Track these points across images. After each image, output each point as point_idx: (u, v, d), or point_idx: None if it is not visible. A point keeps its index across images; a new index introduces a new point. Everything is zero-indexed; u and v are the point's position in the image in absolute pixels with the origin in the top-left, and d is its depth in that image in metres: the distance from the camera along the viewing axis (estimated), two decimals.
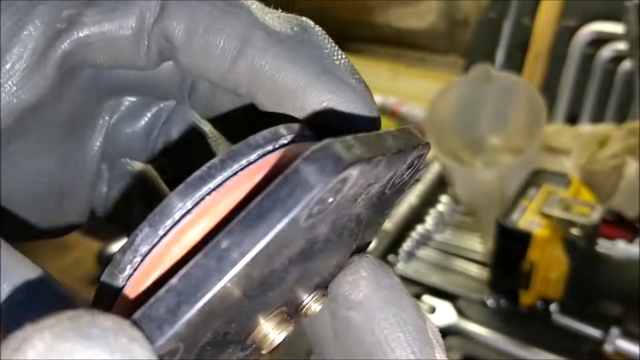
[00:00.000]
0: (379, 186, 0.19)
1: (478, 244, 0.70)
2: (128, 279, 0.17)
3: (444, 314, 0.61)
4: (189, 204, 0.17)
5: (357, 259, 0.20)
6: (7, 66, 0.18)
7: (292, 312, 0.19)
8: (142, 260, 0.17)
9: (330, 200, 0.16)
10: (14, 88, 0.18)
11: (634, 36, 0.77)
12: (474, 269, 0.68)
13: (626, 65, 0.82)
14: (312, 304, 0.20)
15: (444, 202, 0.76)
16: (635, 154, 0.68)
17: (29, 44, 0.18)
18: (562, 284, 0.57)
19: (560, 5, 0.89)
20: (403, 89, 1.07)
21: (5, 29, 0.18)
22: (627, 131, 0.69)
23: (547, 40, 0.89)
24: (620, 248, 0.64)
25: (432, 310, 0.61)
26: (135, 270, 0.17)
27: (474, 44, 0.97)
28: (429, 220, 0.74)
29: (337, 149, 0.16)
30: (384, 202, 0.20)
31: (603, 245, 0.65)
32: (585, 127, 0.77)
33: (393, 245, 0.71)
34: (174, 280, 0.14)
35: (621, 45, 0.81)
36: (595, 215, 0.55)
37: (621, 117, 0.82)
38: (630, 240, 0.66)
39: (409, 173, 0.20)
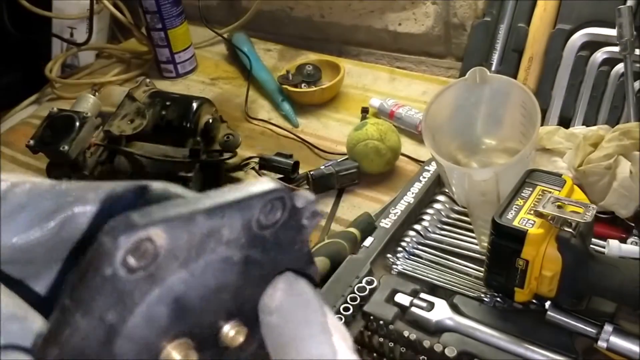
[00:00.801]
0: (235, 232, 0.24)
1: (474, 243, 0.71)
2: None
3: (441, 310, 0.62)
4: None
5: (278, 276, 0.26)
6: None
7: (209, 343, 0.25)
8: None
9: (148, 256, 0.21)
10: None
11: (627, 39, 0.78)
12: (470, 267, 0.68)
13: (619, 68, 0.83)
14: (232, 333, 0.25)
15: (440, 202, 0.77)
16: (628, 155, 0.69)
17: None
18: (556, 282, 0.57)
19: (554, 10, 0.90)
20: (401, 92, 1.08)
21: None
22: (620, 132, 0.70)
23: (541, 43, 0.90)
24: (613, 247, 0.65)
25: (430, 306, 0.62)
26: None
27: (470, 48, 0.98)
28: (427, 219, 0.75)
29: (133, 218, 0.21)
30: (278, 239, 0.26)
31: (596, 244, 0.67)
32: (579, 129, 0.78)
33: (392, 244, 0.72)
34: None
35: (614, 49, 0.83)
36: (588, 215, 0.56)
37: (614, 119, 0.84)
38: (624, 240, 0.68)
39: (284, 215, 0.26)
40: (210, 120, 0.87)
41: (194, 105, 0.86)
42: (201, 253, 0.24)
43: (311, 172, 0.85)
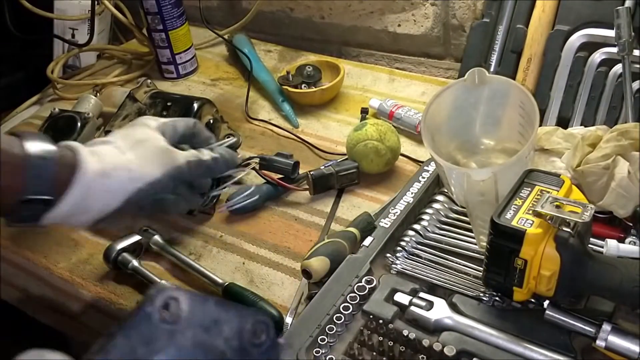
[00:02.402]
0: (232, 332, 0.35)
1: (473, 242, 0.71)
2: None
3: (440, 309, 0.62)
4: None
5: None
6: None
7: None
8: None
9: (173, 313, 0.33)
10: None
11: (625, 40, 0.79)
12: (469, 267, 0.69)
13: (617, 68, 0.84)
14: None
15: (439, 202, 0.77)
16: (626, 155, 0.70)
17: None
18: (554, 281, 0.57)
19: (553, 11, 0.90)
20: (400, 92, 1.08)
21: None
22: (618, 133, 0.70)
23: (540, 44, 0.90)
24: (611, 246, 0.66)
25: (430, 306, 0.63)
26: None
27: (469, 49, 0.98)
28: (426, 219, 0.75)
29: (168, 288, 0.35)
30: None
31: (595, 244, 0.67)
32: (577, 129, 0.78)
33: (391, 243, 0.73)
34: None
35: (613, 50, 0.83)
36: (586, 215, 0.56)
37: (612, 120, 0.84)
38: (622, 239, 0.68)
39: (267, 341, 0.38)
40: (211, 121, 0.87)
41: (195, 105, 0.87)
42: (207, 333, 0.33)
43: (311, 172, 0.85)
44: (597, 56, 0.85)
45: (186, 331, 0.32)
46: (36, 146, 0.52)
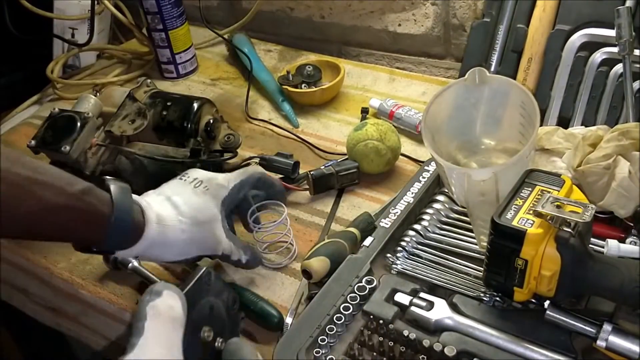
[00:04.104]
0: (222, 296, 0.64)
1: (473, 242, 0.71)
2: None
3: (440, 310, 0.62)
4: None
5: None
6: None
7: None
8: None
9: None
10: None
11: (626, 40, 0.79)
12: (470, 267, 0.69)
13: (618, 68, 0.83)
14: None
15: (440, 202, 0.77)
16: (626, 155, 0.70)
17: None
18: (555, 282, 0.57)
19: (553, 10, 0.90)
20: (400, 92, 1.08)
21: None
22: (619, 133, 0.70)
23: (540, 44, 0.90)
24: (612, 247, 0.65)
25: (430, 306, 0.62)
26: None
27: (470, 48, 0.98)
28: (426, 219, 0.75)
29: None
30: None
31: (595, 244, 0.67)
32: (578, 129, 0.78)
33: (391, 243, 0.73)
34: None
35: (613, 49, 0.83)
36: (587, 215, 0.56)
37: (613, 120, 0.84)
38: (622, 239, 0.68)
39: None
40: (211, 121, 0.87)
41: (195, 105, 0.87)
42: (218, 297, 0.62)
43: (311, 172, 0.85)
44: (598, 56, 0.85)
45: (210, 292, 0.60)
46: (121, 207, 0.59)
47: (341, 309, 0.64)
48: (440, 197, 0.77)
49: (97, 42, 1.28)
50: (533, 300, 0.62)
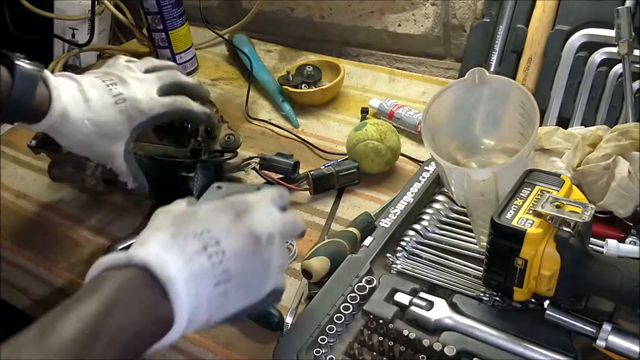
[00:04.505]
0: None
1: (473, 242, 0.71)
2: None
3: (440, 309, 0.62)
4: None
5: None
6: None
7: None
8: None
9: None
10: None
11: (626, 40, 0.79)
12: (470, 266, 0.69)
13: (618, 68, 0.83)
14: None
15: (440, 201, 0.77)
16: (626, 155, 0.70)
17: None
18: (554, 281, 0.57)
19: (553, 11, 0.90)
20: (400, 92, 1.08)
21: None
22: (618, 133, 0.70)
23: (540, 44, 0.90)
24: (612, 246, 0.66)
25: (430, 305, 0.63)
26: None
27: (469, 48, 0.98)
28: (426, 219, 0.75)
29: None
30: None
31: (595, 244, 0.67)
32: (578, 129, 0.78)
33: (391, 243, 0.73)
34: None
35: (613, 49, 0.83)
36: (587, 215, 0.56)
37: (612, 120, 0.84)
38: (622, 239, 0.68)
39: None
40: None
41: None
42: None
43: (311, 172, 0.85)
44: (598, 56, 0.85)
45: None
46: (23, 71, 0.67)
47: (341, 309, 0.64)
48: (440, 197, 0.77)
49: (97, 42, 1.28)
50: (533, 300, 0.62)
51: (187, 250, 0.46)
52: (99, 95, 0.70)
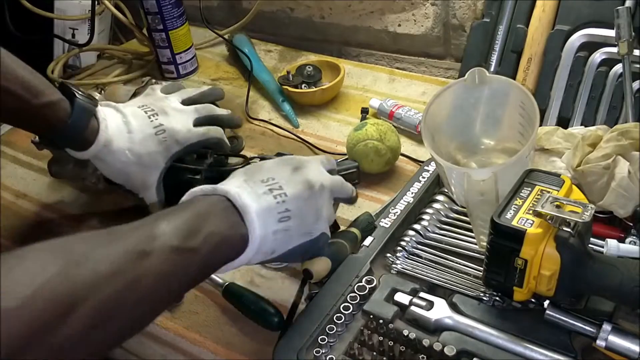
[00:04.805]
0: None
1: (473, 242, 0.71)
2: None
3: (440, 309, 0.62)
4: None
5: None
6: None
7: None
8: None
9: None
10: None
11: (626, 40, 0.79)
12: (470, 266, 0.69)
13: (618, 68, 0.84)
14: None
15: (440, 201, 0.77)
16: (626, 155, 0.70)
17: None
18: (554, 281, 0.57)
19: (553, 11, 0.90)
20: (400, 92, 1.08)
21: None
22: (618, 133, 0.70)
23: (540, 44, 0.90)
24: (612, 246, 0.66)
25: (430, 305, 0.63)
26: None
27: (469, 48, 0.98)
28: (426, 219, 0.75)
29: None
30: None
31: (595, 244, 0.67)
32: (577, 129, 0.78)
33: (391, 243, 0.73)
34: None
35: (613, 49, 0.83)
36: (587, 215, 0.56)
37: (612, 120, 0.84)
38: (622, 239, 0.68)
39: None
40: None
41: None
42: None
43: None
44: (598, 56, 0.85)
45: None
46: (76, 120, 0.72)
47: (341, 309, 0.64)
48: (440, 197, 0.78)
49: (97, 42, 1.28)
50: (533, 300, 0.62)
51: (257, 191, 0.56)
52: (140, 127, 0.75)
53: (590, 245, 0.64)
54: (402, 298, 0.64)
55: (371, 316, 0.63)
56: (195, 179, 0.82)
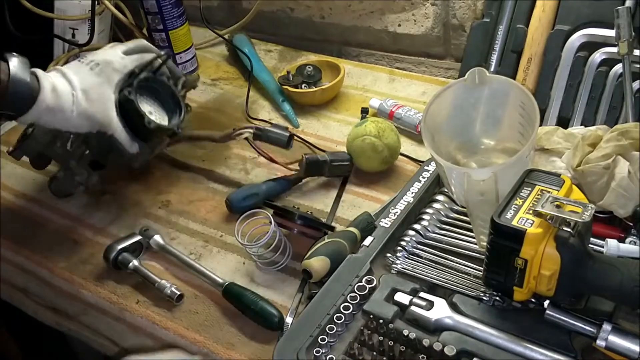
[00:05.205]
0: None
1: (473, 242, 0.71)
2: None
3: (440, 309, 0.62)
4: None
5: None
6: None
7: None
8: None
9: None
10: None
11: (626, 40, 0.79)
12: (470, 266, 0.69)
13: (617, 68, 0.84)
14: None
15: (440, 201, 0.77)
16: (626, 155, 0.70)
17: None
18: (554, 281, 0.58)
19: (553, 11, 0.90)
20: (400, 92, 1.08)
21: None
22: (618, 133, 0.70)
23: (540, 44, 0.90)
24: (612, 246, 0.66)
25: (430, 305, 0.63)
26: None
27: (469, 48, 0.98)
28: (426, 219, 0.75)
29: None
30: None
31: (595, 244, 0.67)
32: (577, 129, 0.78)
33: (391, 243, 0.73)
34: None
35: (613, 49, 0.83)
36: (587, 214, 0.56)
37: (612, 120, 0.84)
38: (622, 239, 0.68)
39: None
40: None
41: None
42: None
43: (306, 155, 0.86)
44: (598, 56, 0.85)
45: None
46: (18, 73, 0.72)
47: (341, 309, 0.64)
48: (440, 197, 0.78)
49: (97, 43, 1.28)
50: (533, 300, 0.62)
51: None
52: (75, 70, 0.78)
53: (590, 245, 0.64)
54: (402, 298, 0.64)
55: (371, 316, 0.63)
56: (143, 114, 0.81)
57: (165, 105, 0.87)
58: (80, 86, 0.76)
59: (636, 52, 0.80)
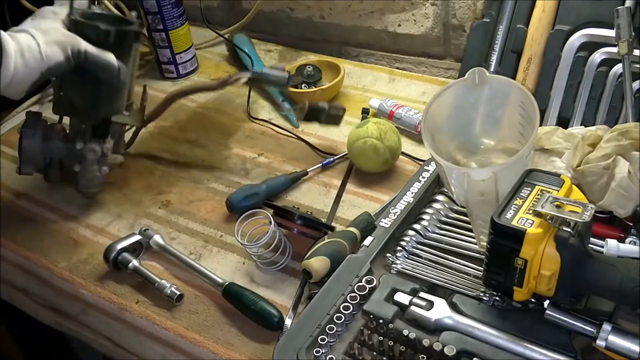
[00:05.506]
0: None
1: (473, 242, 0.71)
2: None
3: (440, 309, 0.62)
4: None
5: None
6: None
7: None
8: None
9: None
10: None
11: (626, 40, 0.79)
12: (470, 266, 0.69)
13: (617, 68, 0.84)
14: None
15: (440, 201, 0.77)
16: (626, 155, 0.70)
17: None
18: (554, 281, 0.58)
19: (553, 11, 0.90)
20: (400, 92, 1.08)
21: None
22: (618, 133, 0.70)
23: (540, 44, 0.90)
24: (612, 246, 0.66)
25: (430, 305, 0.63)
26: None
27: (469, 48, 0.98)
28: (426, 219, 0.75)
29: None
30: None
31: (595, 244, 0.67)
32: (577, 129, 0.78)
33: (391, 243, 0.73)
34: None
35: (613, 49, 0.83)
36: (587, 214, 0.56)
37: (612, 120, 0.84)
38: (622, 239, 0.68)
39: None
40: None
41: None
42: None
43: (308, 102, 0.92)
44: (597, 56, 0.85)
45: None
46: None
47: (341, 309, 0.64)
48: (440, 197, 0.78)
49: None
50: (533, 300, 0.62)
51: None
52: (27, 22, 0.79)
53: (590, 245, 0.64)
54: (402, 298, 0.64)
55: (371, 316, 0.63)
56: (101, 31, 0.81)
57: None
58: (32, 27, 0.77)
59: (636, 52, 0.80)
